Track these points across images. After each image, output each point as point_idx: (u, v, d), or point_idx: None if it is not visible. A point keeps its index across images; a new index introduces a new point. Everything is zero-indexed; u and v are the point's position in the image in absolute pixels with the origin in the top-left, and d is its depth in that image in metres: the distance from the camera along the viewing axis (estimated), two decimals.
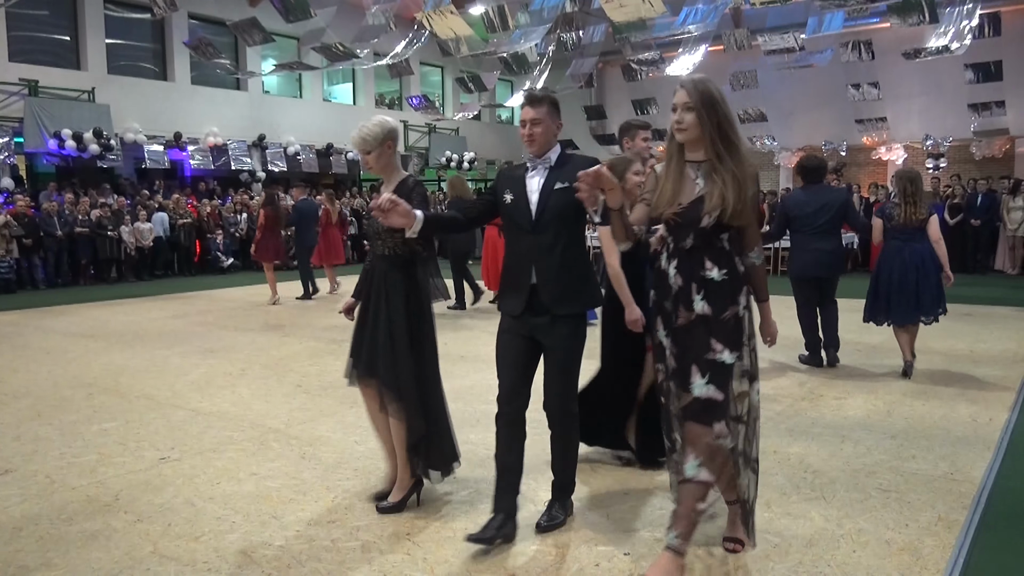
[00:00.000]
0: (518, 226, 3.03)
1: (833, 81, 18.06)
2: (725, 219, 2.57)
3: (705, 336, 2.60)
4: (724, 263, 2.62)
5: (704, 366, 2.58)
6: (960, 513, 3.29)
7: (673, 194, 2.65)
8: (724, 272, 2.61)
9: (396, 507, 3.34)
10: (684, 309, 2.64)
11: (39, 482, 3.80)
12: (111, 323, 9.26)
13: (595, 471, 3.87)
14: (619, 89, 22.03)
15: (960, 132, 18.10)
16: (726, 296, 2.62)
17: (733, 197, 2.55)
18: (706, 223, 2.59)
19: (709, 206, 2.58)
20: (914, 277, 5.72)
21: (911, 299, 5.76)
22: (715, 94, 2.61)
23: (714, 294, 2.60)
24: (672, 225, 2.66)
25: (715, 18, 13.85)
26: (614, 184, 2.55)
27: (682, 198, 2.64)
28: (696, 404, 2.58)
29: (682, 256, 2.66)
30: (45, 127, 14.82)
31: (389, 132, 3.32)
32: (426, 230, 2.96)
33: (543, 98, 3.01)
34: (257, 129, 18.50)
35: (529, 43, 15.46)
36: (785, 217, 6.27)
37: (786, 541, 3.04)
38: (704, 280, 2.62)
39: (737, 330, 2.61)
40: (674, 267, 2.67)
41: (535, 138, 2.99)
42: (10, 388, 5.85)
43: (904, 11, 12.77)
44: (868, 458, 4.01)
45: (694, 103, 2.60)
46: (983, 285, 12.14)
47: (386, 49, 16.38)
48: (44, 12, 15.90)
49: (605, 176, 2.51)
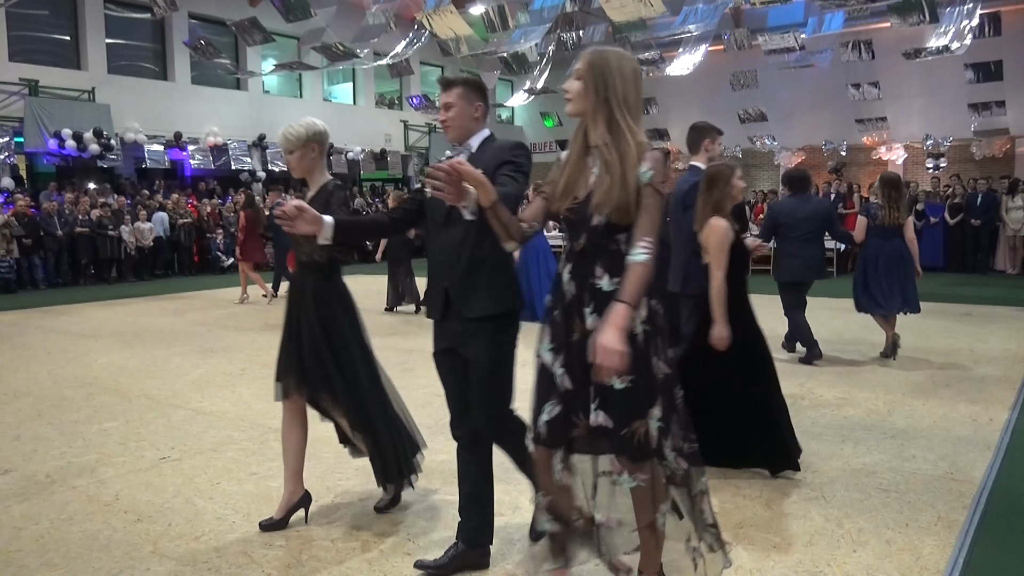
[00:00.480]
0: (433, 221, 2.78)
1: (833, 81, 18.05)
2: (614, 218, 2.20)
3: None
4: (618, 270, 2.19)
5: (595, 390, 2.22)
6: (960, 513, 3.29)
7: (568, 185, 2.30)
8: (617, 281, 2.19)
9: (278, 524, 3.18)
10: (579, 321, 2.28)
11: (39, 481, 3.80)
12: (111, 323, 9.27)
13: None
14: None
15: (960, 132, 18.09)
16: None
17: (616, 194, 2.18)
18: (596, 222, 2.23)
19: (595, 201, 2.22)
20: (897, 270, 6.32)
21: (897, 290, 6.34)
22: (611, 65, 2.23)
23: (604, 306, 2.17)
24: (567, 223, 2.33)
25: (715, 18, 13.84)
26: (479, 179, 2.20)
27: (579, 191, 2.28)
28: (589, 432, 2.25)
29: (575, 260, 2.30)
30: (45, 127, 14.82)
31: (315, 135, 3.18)
32: (341, 236, 2.74)
33: (456, 80, 2.78)
34: (257, 129, 18.51)
35: (529, 43, 15.46)
36: (774, 223, 6.50)
37: (786, 540, 3.04)
38: (593, 290, 2.25)
39: (635, 351, 2.18)
40: (568, 272, 2.31)
41: (449, 123, 2.76)
42: (10, 387, 5.85)
43: (904, 11, 12.76)
44: (868, 458, 4.01)
45: (583, 71, 2.25)
46: (983, 285, 12.14)
47: (386, 49, 16.38)
48: (44, 12, 15.91)
49: (465, 170, 2.18)
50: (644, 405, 2.22)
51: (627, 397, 2.20)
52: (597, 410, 2.22)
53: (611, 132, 2.22)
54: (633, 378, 2.19)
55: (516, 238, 2.33)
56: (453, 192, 2.19)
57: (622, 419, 2.20)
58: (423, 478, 3.72)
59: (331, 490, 3.65)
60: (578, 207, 2.27)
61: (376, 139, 21.52)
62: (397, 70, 16.90)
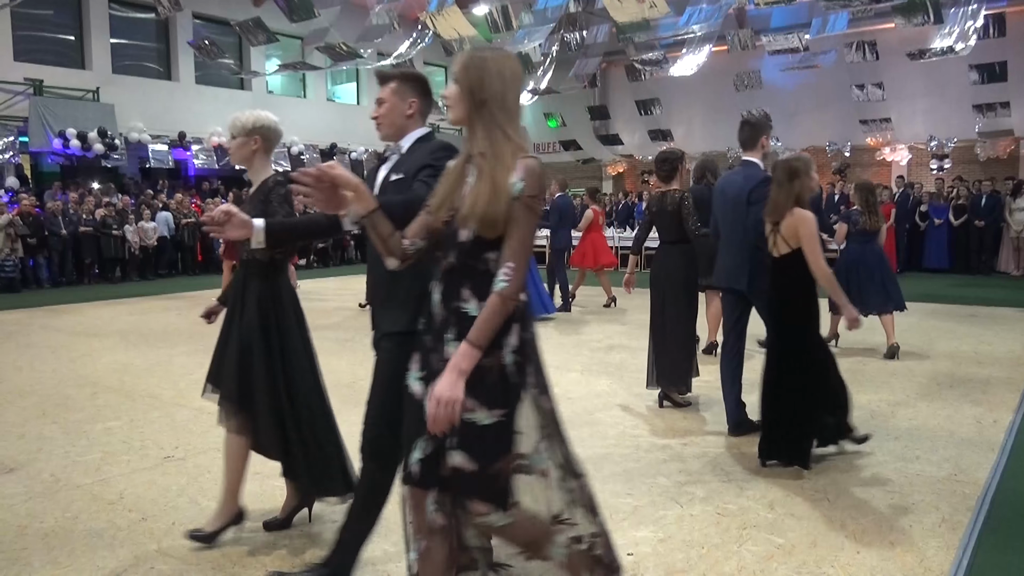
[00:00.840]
0: None
1: (837, 82, 18.03)
2: (483, 233, 1.98)
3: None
4: (487, 293, 1.98)
5: (455, 428, 1.99)
6: (964, 515, 3.28)
7: (444, 198, 2.08)
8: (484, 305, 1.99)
9: (206, 537, 3.01)
10: (444, 347, 2.05)
11: (44, 480, 3.81)
12: (115, 322, 9.28)
13: (599, 470, 3.86)
14: (623, 89, 21.99)
15: (965, 133, 18.05)
16: None
17: (483, 203, 1.95)
18: (464, 237, 2.01)
19: (462, 214, 2.01)
20: (879, 272, 6.73)
21: (880, 290, 6.70)
22: (488, 66, 2.02)
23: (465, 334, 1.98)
24: (440, 239, 2.10)
25: (719, 18, 13.85)
26: (355, 185, 2.00)
27: (456, 203, 2.06)
28: (449, 473, 2.01)
29: (445, 279, 2.08)
30: (50, 126, 14.86)
31: (258, 127, 3.02)
32: (274, 240, 2.54)
33: (391, 74, 2.60)
34: None
35: (533, 43, 15.46)
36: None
37: (790, 542, 3.04)
38: (459, 314, 2.02)
39: (501, 383, 1.99)
40: (439, 293, 2.09)
41: (379, 120, 2.58)
42: (15, 386, 5.87)
43: (908, 11, 12.75)
44: (872, 459, 4.01)
45: (459, 73, 2.06)
46: (987, 286, 12.12)
47: (390, 49, 16.39)
48: (49, 12, 15.96)
49: (336, 175, 1.98)
50: (512, 442, 2.00)
51: (493, 434, 1.98)
52: (454, 450, 1.99)
53: (489, 139, 2.01)
54: (504, 412, 1.98)
55: (395, 255, 2.08)
56: (324, 200, 2.01)
57: (486, 459, 1.98)
58: None
59: None
60: (450, 221, 2.06)
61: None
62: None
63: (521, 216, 1.96)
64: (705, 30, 14.22)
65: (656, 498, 3.51)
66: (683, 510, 3.36)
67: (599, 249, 9.98)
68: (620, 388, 5.61)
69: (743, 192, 4.30)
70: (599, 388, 5.62)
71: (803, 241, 3.71)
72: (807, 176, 3.81)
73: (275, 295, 3.02)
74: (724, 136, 21.03)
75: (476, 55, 2.06)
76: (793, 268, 3.77)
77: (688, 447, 4.25)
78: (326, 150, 19.74)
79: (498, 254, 1.98)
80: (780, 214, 3.80)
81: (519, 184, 1.96)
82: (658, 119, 20.79)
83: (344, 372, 6.21)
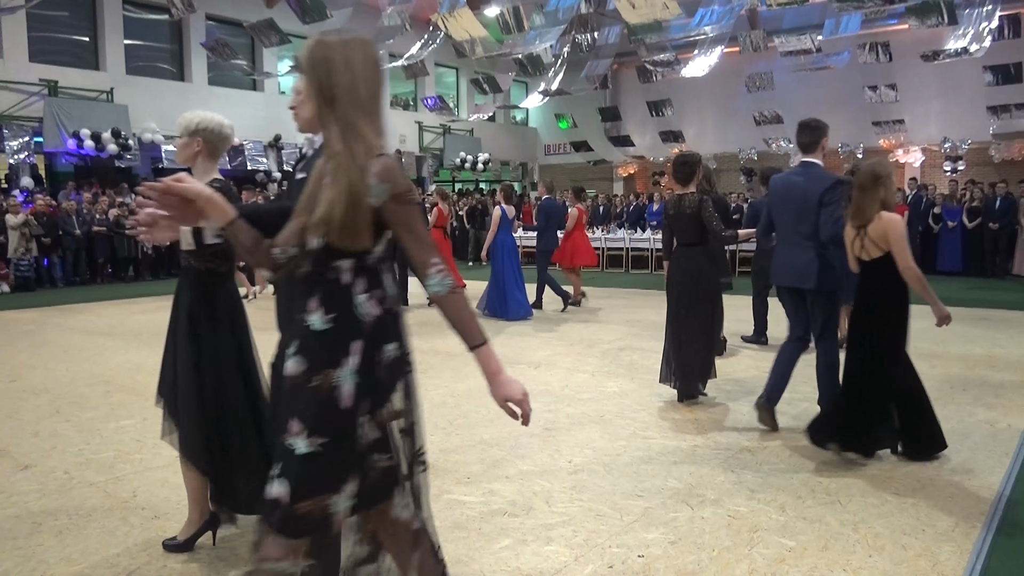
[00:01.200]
0: None
1: (850, 83, 17.96)
2: (334, 240, 1.80)
3: (288, 408, 1.83)
4: (335, 305, 1.81)
5: (277, 452, 1.82)
6: (978, 519, 3.26)
7: (305, 202, 1.88)
8: (332, 317, 1.81)
9: (182, 546, 2.98)
10: (286, 362, 1.88)
11: (58, 478, 3.84)
12: (128, 321, 9.35)
13: (609, 471, 3.86)
14: (634, 90, 21.99)
15: (979, 135, 17.94)
16: (324, 353, 1.80)
17: (340, 210, 1.76)
18: (314, 244, 1.82)
19: (312, 219, 1.82)
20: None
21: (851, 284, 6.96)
22: (332, 56, 1.81)
23: (309, 349, 1.82)
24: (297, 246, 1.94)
25: (731, 19, 13.81)
26: (207, 197, 1.86)
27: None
28: (269, 504, 1.80)
29: (297, 288, 1.89)
30: (64, 127, 14.98)
31: (201, 128, 2.95)
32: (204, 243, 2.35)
33: None
34: (273, 129, 18.62)
35: (544, 44, 15.48)
36: (754, 220, 6.80)
37: (801, 545, 3.03)
38: (302, 326, 1.84)
39: (329, 408, 1.77)
40: (288, 302, 1.94)
41: (295, 111, 2.40)
42: (29, 385, 5.92)
43: (922, 12, 12.67)
44: (884, 463, 3.98)
45: (305, 65, 1.85)
46: (1001, 289, 12.02)
47: (401, 50, 16.46)
48: (64, 13, 16.08)
49: (182, 188, 1.85)
50: (336, 477, 1.78)
51: (307, 466, 1.76)
52: (276, 478, 1.79)
53: (343, 138, 1.81)
54: (324, 442, 1.76)
55: (264, 265, 1.90)
56: (177, 214, 1.88)
57: (295, 494, 1.75)
58: (437, 477, 3.73)
59: None
60: (306, 227, 1.87)
61: (391, 140, 21.56)
62: (412, 71, 16.96)
63: (403, 215, 1.81)
64: (717, 31, 14.18)
65: (667, 500, 3.50)
66: (694, 512, 3.35)
67: (578, 249, 10.18)
68: (631, 389, 5.60)
69: (813, 193, 4.36)
70: (610, 389, 5.61)
71: (893, 243, 3.83)
72: (891, 180, 3.98)
73: (209, 305, 2.91)
74: (735, 137, 21.06)
75: (320, 42, 1.84)
76: (884, 272, 3.89)
77: (699, 449, 4.24)
78: None
79: (352, 263, 1.82)
80: (866, 218, 3.91)
81: (381, 187, 1.77)
82: (669, 120, 20.76)
83: None
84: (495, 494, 3.56)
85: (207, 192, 1.87)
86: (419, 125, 22.80)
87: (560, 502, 3.47)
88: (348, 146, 1.80)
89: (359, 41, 1.86)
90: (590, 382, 5.86)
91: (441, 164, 23.16)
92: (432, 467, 3.88)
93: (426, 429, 4.35)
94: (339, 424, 1.78)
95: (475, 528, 3.19)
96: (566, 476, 3.81)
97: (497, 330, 8.27)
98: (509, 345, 7.42)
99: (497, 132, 25.26)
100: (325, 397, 1.77)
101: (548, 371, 6.25)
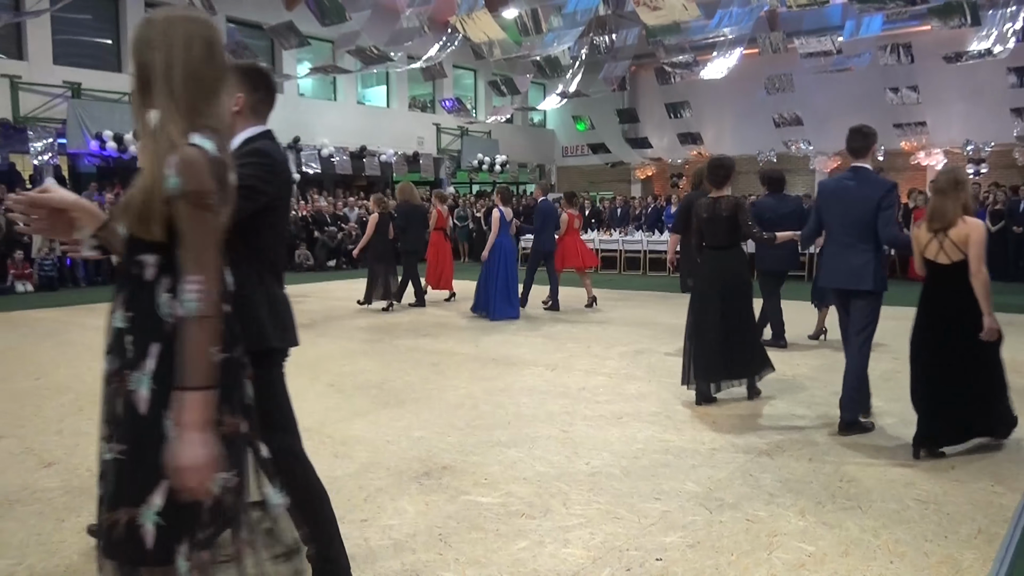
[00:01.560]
0: None
1: (871, 85, 17.79)
2: (135, 231, 1.67)
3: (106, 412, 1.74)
4: (135, 303, 1.69)
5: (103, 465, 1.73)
6: (1001, 526, 3.22)
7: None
8: (131, 316, 1.69)
9: None
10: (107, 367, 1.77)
11: (81, 475, 3.89)
12: None
13: (627, 474, 3.85)
14: (652, 92, 21.93)
15: (1002, 137, 17.72)
16: (123, 354, 1.69)
17: (138, 197, 1.64)
18: (121, 233, 1.72)
19: (118, 206, 1.72)
20: None
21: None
22: (150, 34, 1.68)
23: (117, 347, 1.71)
24: None
25: (750, 21, 13.72)
26: (71, 203, 1.80)
27: None
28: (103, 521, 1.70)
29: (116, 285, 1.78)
30: (87, 128, 15.18)
31: None
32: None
33: None
34: (292, 131, 18.74)
35: (562, 46, 15.45)
36: (760, 219, 6.88)
37: (821, 550, 3.00)
38: (110, 326, 1.74)
39: (130, 414, 1.65)
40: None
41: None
42: (53, 383, 6.00)
43: (945, 13, 12.54)
44: (905, 468, 3.95)
45: (132, 46, 1.72)
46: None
47: (420, 52, 16.51)
48: (87, 16, 16.30)
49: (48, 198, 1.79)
50: (138, 488, 1.63)
51: (115, 473, 1.67)
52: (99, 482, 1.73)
53: (159, 122, 1.67)
54: (125, 448, 1.65)
55: None
56: (48, 226, 1.83)
57: (106, 504, 1.67)
58: (455, 478, 3.74)
59: (363, 489, 3.68)
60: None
61: (409, 142, 21.68)
62: (430, 73, 17.01)
63: (187, 218, 1.61)
64: (736, 33, 14.10)
65: (685, 503, 3.49)
66: (712, 516, 3.34)
67: (567, 252, 10.35)
68: (649, 392, 5.58)
69: (870, 197, 4.47)
70: (629, 392, 5.60)
71: (972, 246, 3.92)
72: (970, 184, 4.08)
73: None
74: (754, 139, 20.93)
75: (146, 20, 1.71)
76: (963, 275, 3.98)
77: (717, 453, 4.22)
78: (356, 152, 19.93)
79: (156, 259, 1.67)
80: (948, 222, 3.98)
81: (173, 180, 1.60)
82: (688, 122, 20.69)
83: (373, 373, 6.26)
84: (513, 495, 3.56)
85: (82, 202, 1.83)
86: (437, 127, 22.88)
87: (578, 504, 3.47)
88: (156, 134, 1.66)
89: (185, 19, 1.71)
90: (608, 384, 5.85)
91: (459, 166, 23.22)
92: (450, 468, 3.92)
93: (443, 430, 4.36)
94: (136, 431, 1.64)
95: (492, 529, 3.20)
96: (584, 478, 3.81)
97: (512, 332, 8.28)
98: (525, 347, 7.43)
99: (515, 134, 25.28)
100: (124, 401, 1.67)
101: (565, 373, 6.24)
